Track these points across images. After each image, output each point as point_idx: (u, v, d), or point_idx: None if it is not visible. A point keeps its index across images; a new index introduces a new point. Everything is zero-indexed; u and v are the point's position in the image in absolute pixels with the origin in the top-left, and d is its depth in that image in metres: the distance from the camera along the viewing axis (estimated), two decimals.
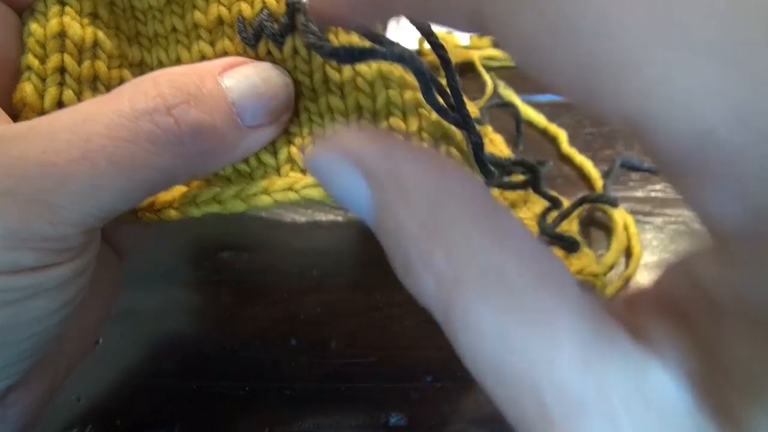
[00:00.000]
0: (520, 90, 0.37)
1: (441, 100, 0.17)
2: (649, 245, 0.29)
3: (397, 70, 0.18)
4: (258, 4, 0.18)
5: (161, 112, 0.15)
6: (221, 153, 0.17)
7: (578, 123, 0.35)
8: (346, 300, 0.28)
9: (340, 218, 0.31)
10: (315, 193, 0.18)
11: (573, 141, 0.34)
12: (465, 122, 0.17)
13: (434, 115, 0.18)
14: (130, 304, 0.28)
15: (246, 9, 0.18)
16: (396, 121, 0.18)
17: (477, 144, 0.18)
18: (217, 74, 0.16)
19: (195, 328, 0.28)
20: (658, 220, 0.30)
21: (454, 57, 0.39)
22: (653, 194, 0.31)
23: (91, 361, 0.26)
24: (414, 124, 0.18)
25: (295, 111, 0.19)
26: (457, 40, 0.40)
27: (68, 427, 0.25)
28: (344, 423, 0.24)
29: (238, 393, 0.25)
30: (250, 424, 0.24)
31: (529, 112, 0.35)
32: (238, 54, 0.18)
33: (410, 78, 0.18)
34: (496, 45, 0.40)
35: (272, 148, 0.19)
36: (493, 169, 0.18)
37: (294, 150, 0.18)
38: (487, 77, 0.37)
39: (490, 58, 0.39)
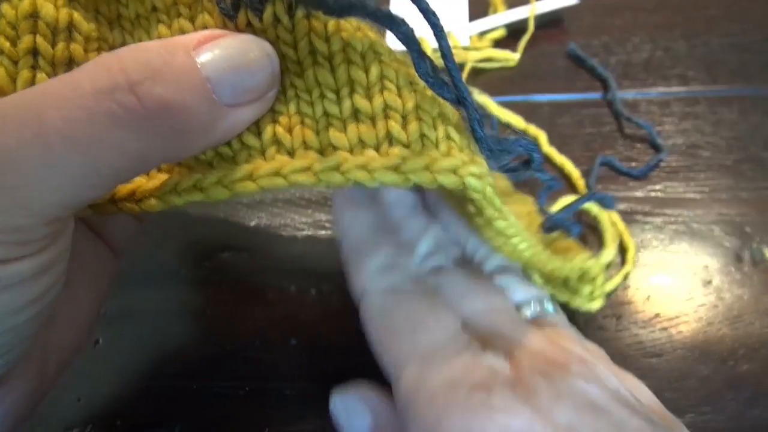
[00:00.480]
0: (521, 90, 0.37)
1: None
2: (649, 245, 0.29)
3: (386, 45, 0.17)
4: None
5: (123, 89, 0.14)
6: (196, 134, 0.15)
7: (578, 123, 0.35)
8: (347, 300, 0.28)
9: None
10: (304, 178, 0.16)
11: (573, 141, 0.34)
12: (462, 97, 0.16)
13: (429, 92, 0.17)
14: (130, 304, 0.28)
15: None
16: (391, 96, 0.17)
17: (477, 120, 0.16)
18: (191, 48, 0.15)
19: (195, 328, 0.27)
20: (658, 220, 0.30)
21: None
22: (653, 194, 0.31)
23: (91, 361, 0.26)
24: (410, 101, 0.16)
25: (281, 87, 0.17)
26: (457, 41, 0.40)
27: (68, 427, 0.25)
28: None
29: (238, 393, 0.25)
30: (250, 424, 0.24)
31: (506, 114, 0.35)
32: (218, 27, 0.17)
33: (401, 55, 0.17)
34: (495, 45, 0.40)
35: (255, 128, 0.17)
36: (493, 148, 0.17)
37: (280, 130, 0.17)
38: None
39: (489, 59, 0.39)
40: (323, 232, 0.31)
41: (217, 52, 0.15)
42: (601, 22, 0.41)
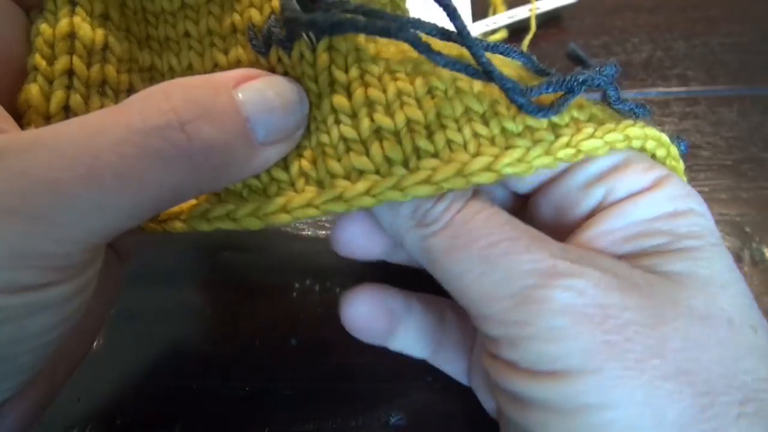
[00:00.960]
0: None
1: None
2: None
3: (407, 59, 0.17)
4: (267, 10, 0.17)
5: (174, 128, 0.14)
6: (232, 170, 0.16)
7: None
8: None
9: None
10: (336, 206, 0.17)
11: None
12: (488, 72, 0.16)
13: (450, 93, 0.17)
14: (130, 304, 0.28)
15: (255, 15, 0.17)
16: (411, 110, 0.17)
17: (511, 90, 0.16)
18: (231, 87, 0.16)
19: (195, 328, 0.28)
20: None
21: None
22: None
23: (91, 361, 0.26)
24: (431, 111, 0.17)
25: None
26: None
27: (68, 427, 0.25)
28: (344, 423, 0.24)
29: (238, 393, 0.25)
30: (250, 425, 0.24)
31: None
32: (250, 62, 0.18)
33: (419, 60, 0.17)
34: None
35: (283, 162, 0.18)
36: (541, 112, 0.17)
37: (305, 163, 0.17)
38: None
39: None
40: (323, 231, 0.31)
41: (255, 93, 0.16)
42: (601, 22, 0.41)
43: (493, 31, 0.41)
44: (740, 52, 0.38)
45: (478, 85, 0.17)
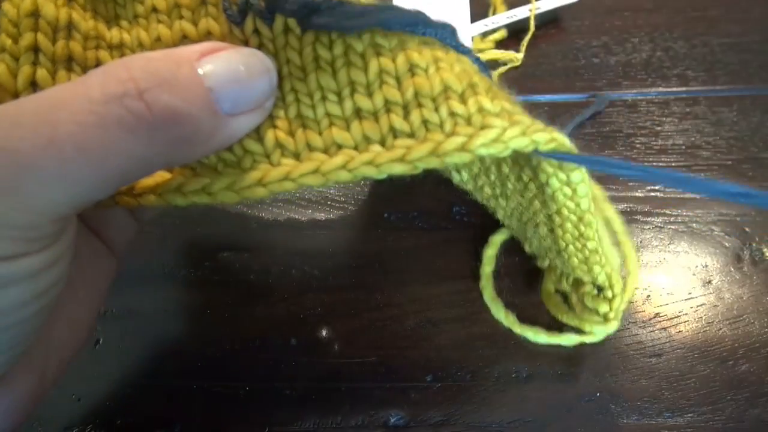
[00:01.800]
0: (522, 90, 0.37)
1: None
2: (648, 245, 0.29)
3: (391, 34, 0.17)
4: None
5: (132, 96, 0.14)
6: (198, 141, 0.16)
7: (578, 123, 0.35)
8: (346, 300, 0.28)
9: (340, 218, 0.31)
10: (312, 179, 0.17)
11: (572, 141, 0.34)
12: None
13: (431, 71, 0.17)
14: (130, 304, 0.28)
15: None
16: (390, 90, 0.17)
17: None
18: (194, 60, 0.15)
19: (195, 328, 0.28)
20: (658, 220, 0.30)
21: None
22: (653, 194, 0.31)
23: (91, 361, 0.27)
24: (409, 90, 0.17)
25: (281, 93, 0.18)
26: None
27: (68, 427, 0.25)
28: (344, 423, 0.24)
29: (238, 393, 0.25)
30: (250, 424, 0.24)
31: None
32: (222, 34, 0.18)
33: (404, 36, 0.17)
34: (497, 46, 0.40)
35: (257, 134, 0.18)
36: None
37: (281, 134, 0.18)
38: None
39: (494, 61, 0.39)
40: (323, 231, 0.31)
41: (219, 64, 0.16)
42: (601, 22, 0.41)
43: (493, 31, 0.41)
44: (740, 52, 0.38)
45: (457, 66, 0.17)
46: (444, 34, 0.18)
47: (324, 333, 0.27)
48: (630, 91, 0.36)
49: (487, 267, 0.27)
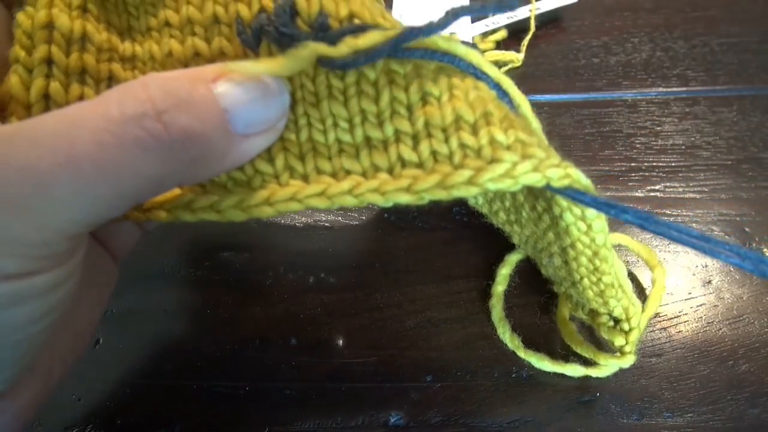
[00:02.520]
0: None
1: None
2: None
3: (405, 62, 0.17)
4: (256, 6, 0.17)
5: (150, 117, 0.14)
6: (212, 161, 0.16)
7: (578, 123, 0.35)
8: (346, 300, 0.28)
9: (340, 218, 0.31)
10: (318, 202, 0.17)
11: (572, 141, 0.34)
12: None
13: (444, 99, 0.17)
14: (130, 304, 0.28)
15: (243, 10, 0.18)
16: (400, 121, 0.17)
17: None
18: (209, 80, 0.16)
19: (195, 328, 0.28)
20: None
21: None
22: (653, 194, 0.31)
23: (92, 361, 0.27)
24: (420, 120, 0.17)
25: (293, 116, 0.18)
26: None
27: (68, 427, 0.25)
28: (344, 423, 0.24)
29: (238, 393, 0.25)
30: (250, 424, 0.24)
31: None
32: (236, 54, 0.18)
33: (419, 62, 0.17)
34: (497, 46, 0.40)
35: (267, 155, 0.18)
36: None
37: (291, 157, 0.18)
38: None
39: (495, 61, 0.39)
40: (323, 231, 0.31)
41: (234, 85, 0.16)
42: (601, 22, 0.41)
43: (493, 31, 0.41)
44: (740, 52, 0.38)
45: (473, 93, 0.17)
46: (461, 63, 0.18)
47: (324, 333, 0.27)
48: (630, 91, 0.36)
49: (500, 286, 0.26)
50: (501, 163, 0.16)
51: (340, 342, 0.26)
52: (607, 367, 0.24)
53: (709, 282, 0.27)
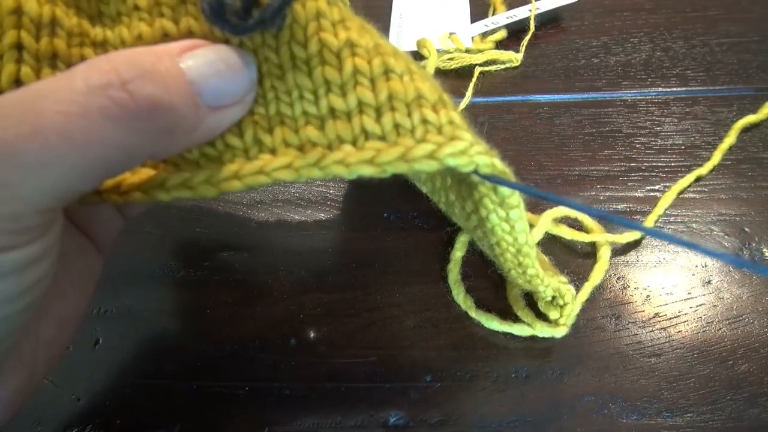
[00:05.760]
0: (520, 90, 0.37)
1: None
2: (648, 245, 0.29)
3: (367, 33, 0.18)
4: None
5: (115, 86, 0.14)
6: (180, 132, 0.16)
7: (578, 123, 0.35)
8: (346, 300, 0.28)
9: (340, 218, 0.31)
10: (285, 174, 0.17)
11: (572, 141, 0.34)
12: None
13: (405, 77, 0.17)
14: (130, 304, 0.28)
15: None
16: (364, 92, 0.17)
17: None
18: (175, 54, 0.16)
19: (195, 328, 0.28)
20: (658, 221, 0.30)
21: (457, 61, 0.39)
22: (652, 194, 0.31)
23: (91, 361, 0.27)
24: (383, 92, 0.17)
25: (261, 90, 0.18)
26: (461, 44, 0.40)
27: (68, 426, 0.25)
28: (344, 423, 0.24)
29: (238, 393, 0.25)
30: (250, 424, 0.24)
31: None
32: (204, 33, 0.18)
33: (376, 37, 0.18)
34: (496, 46, 0.40)
35: (237, 129, 0.18)
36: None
37: (260, 131, 0.18)
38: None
39: (494, 61, 0.39)
40: (323, 231, 0.31)
41: (199, 59, 0.16)
42: (600, 22, 0.41)
43: (493, 31, 0.41)
44: (740, 52, 0.38)
45: (429, 80, 0.18)
46: None
47: (324, 333, 0.27)
48: (630, 91, 0.36)
49: (458, 252, 0.28)
50: (460, 141, 0.17)
51: (340, 342, 0.26)
52: (543, 332, 0.25)
53: (709, 282, 0.27)
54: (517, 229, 0.21)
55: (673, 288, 0.27)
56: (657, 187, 0.31)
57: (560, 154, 0.33)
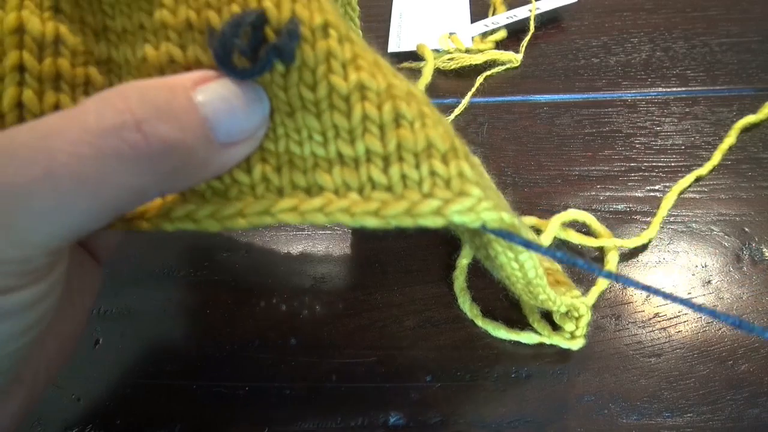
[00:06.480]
0: (520, 90, 0.37)
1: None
2: (648, 245, 0.29)
3: (380, 72, 0.17)
4: (225, 14, 0.16)
5: (129, 127, 0.14)
6: (192, 170, 0.16)
7: (578, 123, 0.35)
8: (346, 300, 0.28)
9: None
10: (290, 217, 0.17)
11: (572, 141, 0.34)
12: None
13: (417, 125, 0.16)
14: (130, 304, 0.28)
15: (213, 18, 0.17)
16: (372, 140, 0.17)
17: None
18: (189, 88, 0.15)
19: (195, 328, 0.28)
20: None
21: (457, 61, 0.39)
22: (652, 194, 0.31)
23: (91, 361, 0.27)
24: (392, 141, 0.16)
25: (272, 125, 0.17)
26: (461, 44, 0.40)
27: (68, 427, 0.25)
28: (344, 423, 0.24)
29: (238, 393, 0.25)
30: (250, 424, 0.24)
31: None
32: (212, 63, 0.17)
33: (397, 79, 0.17)
34: (496, 46, 0.40)
35: (246, 165, 0.17)
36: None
37: (269, 169, 0.17)
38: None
39: (493, 61, 0.39)
40: (323, 231, 0.31)
41: (213, 93, 0.16)
42: (600, 22, 0.41)
43: (493, 31, 0.41)
44: (740, 52, 0.38)
45: (442, 125, 0.17)
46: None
47: (324, 333, 0.27)
48: (630, 91, 0.36)
49: (464, 260, 0.28)
50: (468, 197, 0.16)
51: (340, 342, 0.26)
52: (561, 344, 0.25)
53: (709, 282, 0.27)
54: (526, 267, 0.21)
55: (673, 288, 0.27)
56: (657, 187, 0.31)
57: (560, 154, 0.33)
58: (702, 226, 0.29)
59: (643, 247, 0.29)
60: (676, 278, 0.27)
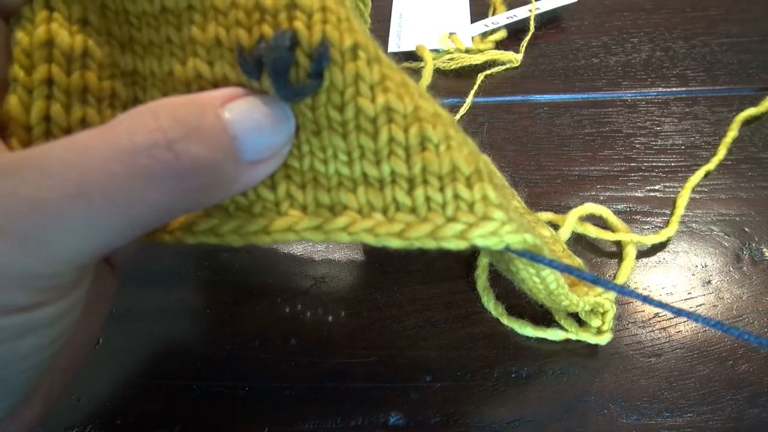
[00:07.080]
0: (520, 90, 0.37)
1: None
2: (667, 243, 0.29)
3: (407, 94, 0.17)
4: (256, 33, 0.17)
5: (161, 146, 0.14)
6: (220, 188, 0.16)
7: (578, 123, 0.35)
8: (346, 300, 0.28)
9: None
10: (314, 236, 0.17)
11: (572, 141, 0.34)
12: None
13: (442, 148, 0.17)
14: (130, 304, 0.28)
15: (243, 36, 0.17)
16: (397, 162, 0.17)
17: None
18: (218, 106, 0.15)
19: (195, 328, 0.28)
20: (658, 220, 0.30)
21: (457, 61, 0.39)
22: (652, 194, 0.31)
23: (91, 361, 0.26)
24: (418, 164, 0.17)
25: (297, 142, 0.18)
26: (461, 44, 0.40)
27: (68, 427, 0.25)
28: (344, 423, 0.24)
29: (238, 393, 0.25)
30: (250, 424, 0.24)
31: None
32: (239, 80, 0.17)
33: (423, 100, 0.17)
34: (496, 46, 0.40)
35: (270, 181, 0.18)
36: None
37: (293, 187, 0.18)
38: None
39: (493, 62, 0.39)
40: None
41: (242, 111, 0.16)
42: (600, 22, 0.41)
43: (493, 31, 0.41)
44: (740, 52, 0.38)
45: (466, 148, 0.17)
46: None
47: (324, 333, 0.27)
48: (630, 91, 0.36)
49: (485, 258, 0.27)
50: (491, 222, 0.16)
51: (340, 342, 0.26)
52: (589, 340, 0.25)
53: (709, 282, 0.27)
54: (548, 281, 0.21)
55: (673, 288, 0.27)
56: (657, 187, 0.31)
57: (560, 154, 0.33)
58: (702, 226, 0.29)
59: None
60: (676, 278, 0.27)
